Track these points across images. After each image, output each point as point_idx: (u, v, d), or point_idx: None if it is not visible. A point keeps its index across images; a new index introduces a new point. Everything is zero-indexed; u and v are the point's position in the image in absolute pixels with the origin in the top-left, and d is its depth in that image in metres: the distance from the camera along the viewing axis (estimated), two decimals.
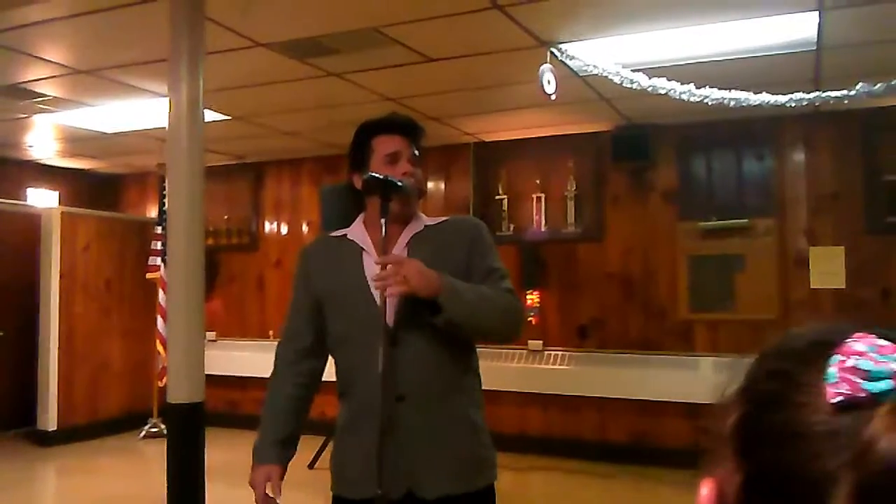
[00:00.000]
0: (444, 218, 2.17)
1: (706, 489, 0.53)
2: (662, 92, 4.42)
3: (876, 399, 0.46)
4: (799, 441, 0.48)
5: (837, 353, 0.49)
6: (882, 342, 0.48)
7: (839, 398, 0.47)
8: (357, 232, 2.10)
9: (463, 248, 2.06)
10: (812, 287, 5.63)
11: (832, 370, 0.48)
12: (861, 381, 0.47)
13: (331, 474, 2.11)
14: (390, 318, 1.96)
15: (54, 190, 7.95)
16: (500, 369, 6.27)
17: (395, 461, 1.90)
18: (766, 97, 4.49)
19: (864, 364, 0.47)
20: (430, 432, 1.96)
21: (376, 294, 1.96)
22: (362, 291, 2.00)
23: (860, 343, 0.49)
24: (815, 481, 0.46)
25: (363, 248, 2.06)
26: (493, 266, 2.07)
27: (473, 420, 2.05)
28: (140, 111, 5.55)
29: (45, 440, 6.68)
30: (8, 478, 5.95)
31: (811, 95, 4.52)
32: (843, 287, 5.55)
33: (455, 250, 2.05)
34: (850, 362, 0.48)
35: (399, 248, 2.04)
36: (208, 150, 4.93)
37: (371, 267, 2.01)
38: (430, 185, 6.80)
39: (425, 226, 2.10)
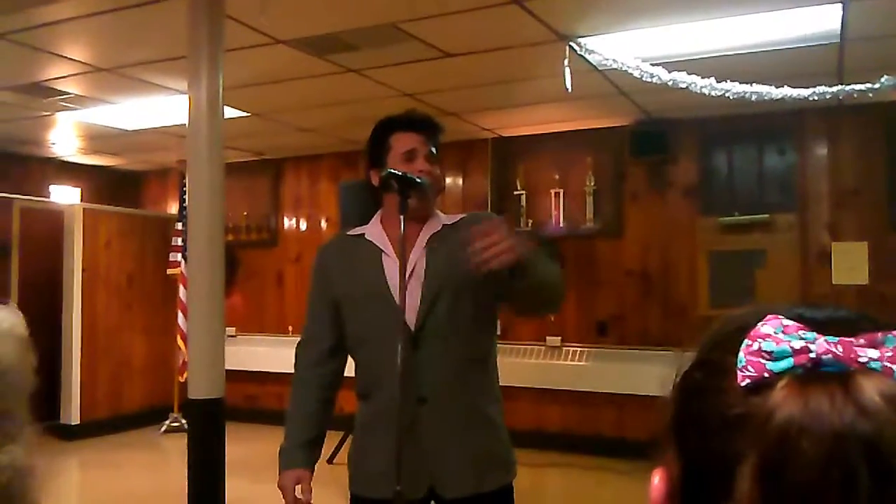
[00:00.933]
0: (461, 215, 2.16)
1: (657, 479, 0.54)
2: (683, 86, 4.39)
3: (779, 378, 0.48)
4: (718, 427, 0.49)
5: (747, 338, 0.50)
6: (788, 322, 0.50)
7: (746, 381, 0.49)
8: (375, 232, 2.08)
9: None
10: (834, 283, 5.57)
11: (741, 355, 0.50)
12: (765, 361, 0.49)
13: (349, 473, 2.11)
14: (411, 320, 1.96)
15: (76, 187, 8.03)
16: (517, 365, 6.26)
17: (416, 462, 1.90)
18: (788, 91, 4.44)
19: (768, 345, 0.49)
20: (451, 433, 1.96)
21: (396, 296, 1.94)
22: (382, 294, 1.99)
23: (767, 325, 0.50)
24: (727, 462, 0.48)
25: (382, 250, 2.04)
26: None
27: (493, 419, 2.05)
28: (160, 108, 5.59)
29: (68, 434, 6.76)
30: None
31: (834, 89, 4.46)
32: (867, 283, 5.48)
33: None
34: (756, 345, 0.49)
35: (418, 248, 2.03)
36: (228, 146, 4.97)
37: (390, 268, 2.00)
38: (447, 180, 6.79)
39: (443, 225, 2.08)
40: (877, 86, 4.25)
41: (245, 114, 5.77)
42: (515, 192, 6.63)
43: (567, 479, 5.80)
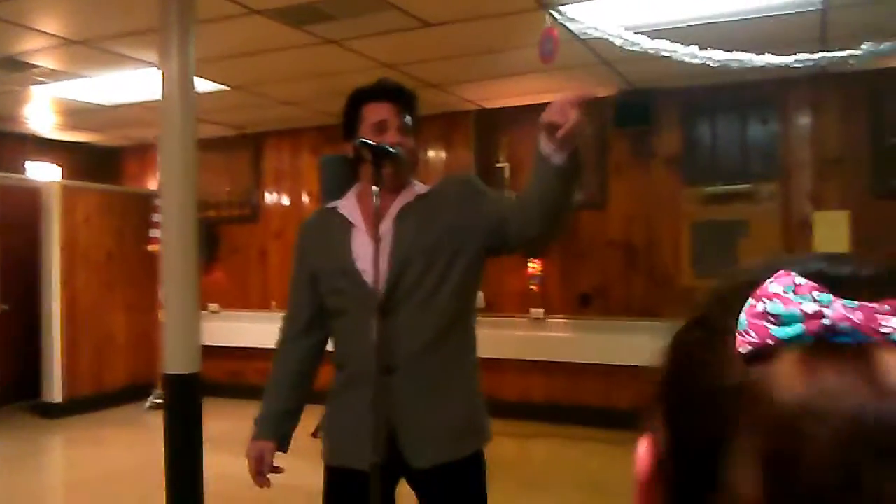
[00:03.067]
0: (433, 185, 2.13)
1: (643, 447, 0.48)
2: (665, 55, 4.34)
3: (785, 347, 0.41)
4: (709, 397, 0.43)
5: (752, 297, 0.43)
6: (801, 280, 0.42)
7: (746, 347, 0.42)
8: (348, 205, 2.08)
9: (452, 210, 2.01)
10: (816, 252, 5.59)
11: (742, 316, 0.42)
12: (770, 326, 0.41)
13: (322, 443, 2.11)
14: (381, 290, 1.94)
15: (55, 164, 7.92)
16: (502, 337, 6.27)
17: (386, 432, 1.90)
18: (770, 58, 4.41)
19: (774, 307, 0.42)
20: (421, 403, 1.95)
21: (364, 270, 1.96)
22: (351, 267, 2.00)
23: (776, 283, 0.43)
24: (717, 441, 0.42)
25: (352, 223, 2.04)
26: (496, 196, 2.09)
27: (466, 387, 2.05)
28: (137, 82, 5.50)
29: (51, 412, 6.74)
30: (15, 449, 6.01)
31: (816, 56, 4.43)
32: (848, 252, 5.50)
33: (443, 215, 2.01)
34: (761, 306, 0.42)
35: (388, 219, 2.01)
36: (207, 120, 4.90)
37: (359, 241, 2.01)
38: (430, 153, 6.74)
39: (416, 195, 2.05)
40: (859, 52, 4.22)
41: (223, 87, 5.68)
42: (498, 165, 6.59)
43: (553, 449, 5.84)
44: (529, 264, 6.34)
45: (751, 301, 0.43)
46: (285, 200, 7.60)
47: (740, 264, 0.47)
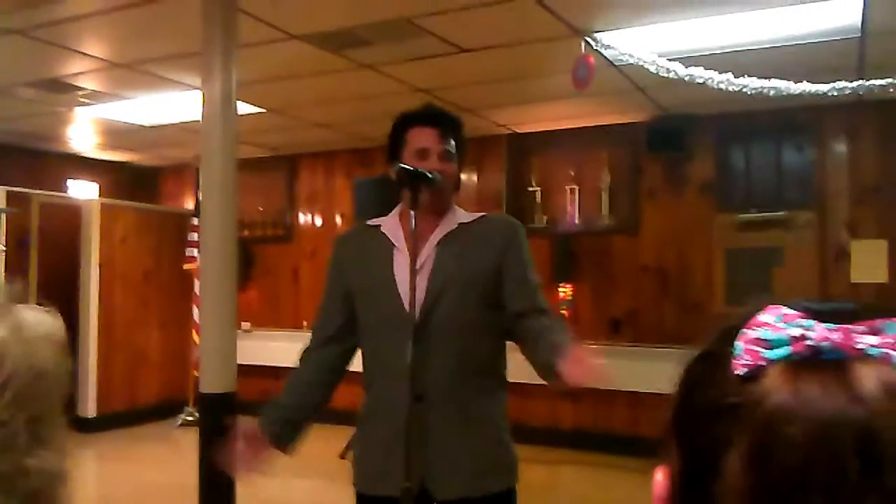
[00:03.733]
0: (480, 214, 2.14)
1: (660, 475, 0.54)
2: (700, 81, 4.34)
3: (775, 365, 0.48)
4: (713, 416, 0.49)
5: (745, 327, 0.50)
6: (788, 311, 0.49)
7: (742, 369, 0.48)
8: (391, 225, 2.08)
9: (494, 251, 2.02)
10: (852, 281, 5.50)
11: (738, 343, 0.49)
12: (762, 350, 0.48)
13: (352, 468, 2.11)
14: (413, 316, 1.94)
15: (94, 182, 8.09)
16: (529, 363, 6.24)
17: (411, 460, 1.88)
18: (807, 86, 4.39)
19: (765, 333, 0.48)
20: (446, 433, 1.93)
21: (403, 293, 1.95)
22: (388, 287, 1.99)
23: (767, 314, 0.49)
24: (717, 449, 0.48)
25: (394, 244, 2.04)
26: (529, 277, 2.05)
27: (494, 422, 2.02)
28: (176, 104, 5.62)
29: (85, 427, 6.82)
30: None
31: (854, 84, 4.40)
32: (886, 281, 5.41)
33: (485, 252, 2.02)
34: (753, 334, 0.49)
35: (429, 248, 2.02)
36: (242, 142, 4.98)
37: (400, 263, 2.00)
38: (462, 177, 6.76)
39: (459, 223, 2.06)
40: None
41: (260, 109, 5.78)
42: (530, 189, 6.61)
43: (580, 477, 5.78)
44: (560, 289, 6.32)
45: (744, 330, 0.49)
46: (318, 221, 7.68)
47: (772, 294, 0.54)
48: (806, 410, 0.45)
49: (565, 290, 6.34)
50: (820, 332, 0.47)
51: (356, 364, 2.14)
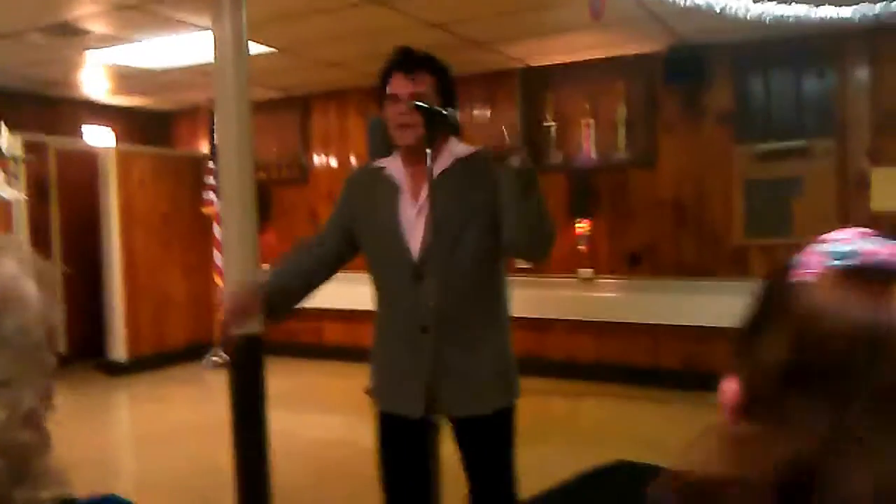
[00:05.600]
0: (477, 148, 2.16)
1: (730, 385, 0.60)
2: (717, 9, 4.24)
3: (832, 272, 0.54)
4: (775, 317, 0.56)
5: (819, 241, 0.56)
6: (868, 230, 0.56)
7: (810, 277, 0.54)
8: (396, 168, 2.16)
9: (491, 184, 2.05)
10: (873, 210, 5.45)
11: (810, 256, 0.55)
12: (826, 260, 0.54)
13: (371, 388, 2.27)
14: (415, 253, 2.06)
15: (108, 127, 8.10)
16: (550, 298, 6.30)
17: (420, 386, 2.02)
18: (827, 11, 4.27)
19: (835, 247, 0.54)
20: (453, 359, 2.05)
21: (407, 232, 2.07)
22: (393, 228, 2.10)
23: (847, 231, 0.56)
24: (771, 336, 0.55)
25: (399, 185, 2.13)
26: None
27: (498, 345, 2.16)
28: (187, 46, 5.57)
29: (116, 370, 7.01)
30: (85, 405, 6.29)
31: (877, 8, 4.28)
32: None
33: (482, 185, 2.07)
34: (824, 247, 0.55)
35: (426, 186, 2.03)
36: (255, 83, 4.95)
37: (406, 208, 2.10)
38: (475, 112, 6.71)
39: (455, 158, 2.10)
40: None
41: (271, 49, 5.72)
42: (545, 124, 6.54)
43: (601, 408, 5.88)
44: (577, 224, 6.32)
45: (817, 245, 0.56)
46: (333, 162, 7.68)
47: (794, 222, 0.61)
48: (848, 310, 0.50)
49: (582, 226, 6.34)
50: (891, 249, 0.53)
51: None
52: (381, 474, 2.22)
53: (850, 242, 0.54)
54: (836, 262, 0.53)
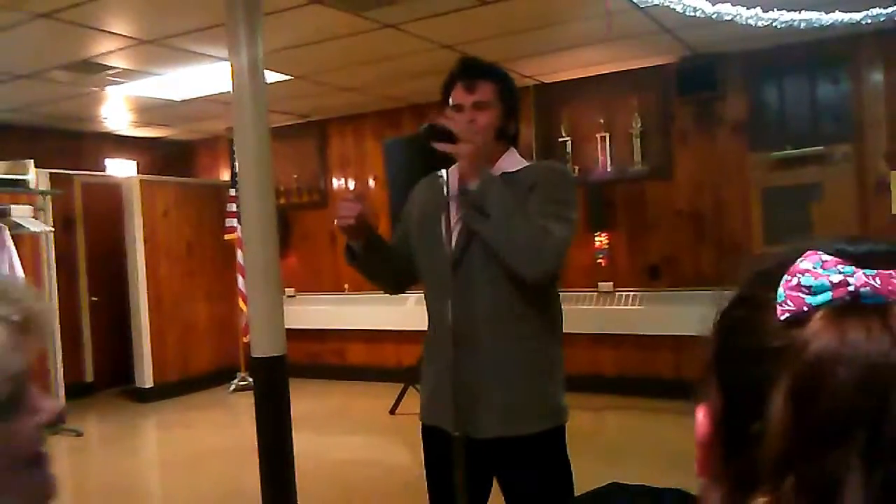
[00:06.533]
0: (527, 164, 2.13)
1: (701, 415, 0.56)
2: (727, 18, 4.26)
3: (817, 311, 0.50)
4: (756, 359, 0.51)
5: (787, 273, 0.51)
6: (826, 257, 0.51)
7: (786, 315, 0.50)
8: (452, 177, 2.07)
9: (522, 198, 1.98)
10: (894, 213, 5.41)
11: (780, 290, 0.51)
12: (804, 296, 0.50)
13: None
14: (451, 267, 2.02)
15: (131, 159, 8.26)
16: (571, 311, 6.19)
17: (454, 399, 1.98)
18: (839, 16, 4.28)
19: (806, 280, 0.50)
20: (486, 375, 1.99)
21: (447, 247, 2.02)
22: (437, 239, 2.06)
23: (807, 261, 0.51)
24: (761, 387, 0.50)
25: (448, 198, 2.05)
26: (549, 209, 1.97)
27: (535, 367, 2.04)
28: (205, 77, 5.69)
29: (143, 397, 7.10)
30: (113, 431, 6.38)
31: (889, 10, 4.28)
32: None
33: (520, 199, 1.99)
34: (795, 280, 0.51)
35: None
36: (273, 110, 5.05)
37: (452, 220, 2.05)
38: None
39: (502, 173, 2.04)
40: None
41: (287, 77, 5.82)
42: (560, 139, 6.58)
43: (625, 421, 5.86)
44: (596, 238, 6.33)
45: (786, 277, 0.51)
46: (352, 185, 7.76)
47: (809, 232, 0.57)
48: (851, 353, 0.47)
49: (601, 240, 6.35)
50: (860, 279, 0.49)
51: (399, 323, 2.24)
52: (427, 489, 2.16)
53: (820, 275, 0.50)
54: (819, 300, 0.49)
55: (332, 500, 4.30)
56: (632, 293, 6.31)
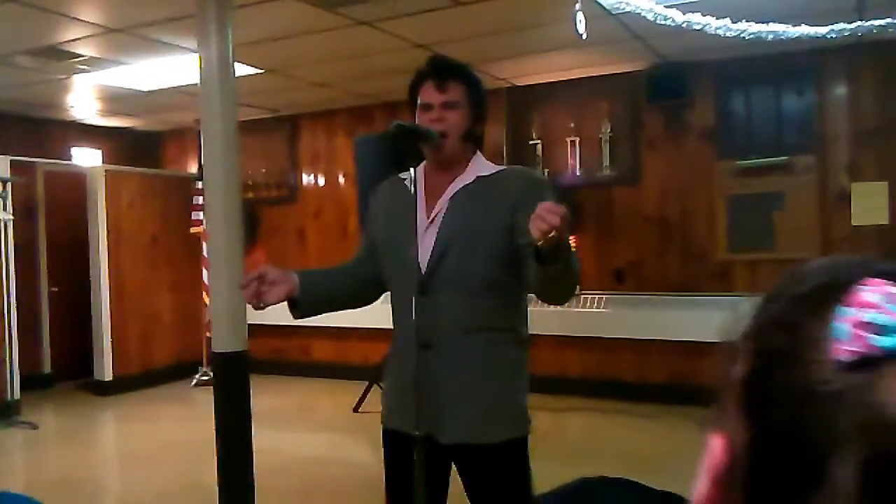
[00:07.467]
0: (500, 168, 2.10)
1: (717, 444, 0.49)
2: (697, 28, 4.31)
3: (889, 355, 0.42)
4: (807, 402, 0.43)
5: (846, 305, 0.44)
6: (894, 290, 0.44)
7: (850, 356, 0.43)
8: (418, 178, 2.04)
9: (507, 206, 1.96)
10: (854, 224, 5.54)
11: (842, 325, 0.43)
12: (874, 336, 0.42)
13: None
14: (422, 268, 1.99)
15: (97, 149, 8.13)
16: (537, 313, 6.25)
17: (420, 404, 1.95)
18: (805, 29, 4.36)
19: (877, 318, 0.43)
20: (451, 382, 1.98)
21: (415, 247, 1.99)
22: (404, 240, 2.01)
23: (871, 293, 0.44)
24: (820, 447, 0.42)
25: (415, 198, 2.02)
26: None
27: (502, 375, 2.03)
28: (175, 68, 5.62)
29: (103, 390, 6.99)
30: (71, 425, 6.27)
31: (853, 26, 4.37)
32: (887, 223, 5.44)
33: (496, 206, 1.99)
34: (861, 316, 0.43)
35: (444, 201, 2.03)
36: (243, 104, 5.01)
37: (420, 221, 2.02)
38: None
39: (477, 177, 2.04)
40: None
41: (258, 70, 5.77)
42: (531, 142, 6.61)
43: (588, 423, 5.91)
44: None
45: (848, 310, 0.44)
46: (322, 181, 7.72)
47: (812, 263, 0.49)
48: None
49: None
50: None
51: (366, 321, 2.23)
52: (386, 491, 2.14)
53: (890, 313, 0.42)
54: (889, 341, 0.42)
55: (291, 497, 4.28)
56: (597, 296, 6.37)
